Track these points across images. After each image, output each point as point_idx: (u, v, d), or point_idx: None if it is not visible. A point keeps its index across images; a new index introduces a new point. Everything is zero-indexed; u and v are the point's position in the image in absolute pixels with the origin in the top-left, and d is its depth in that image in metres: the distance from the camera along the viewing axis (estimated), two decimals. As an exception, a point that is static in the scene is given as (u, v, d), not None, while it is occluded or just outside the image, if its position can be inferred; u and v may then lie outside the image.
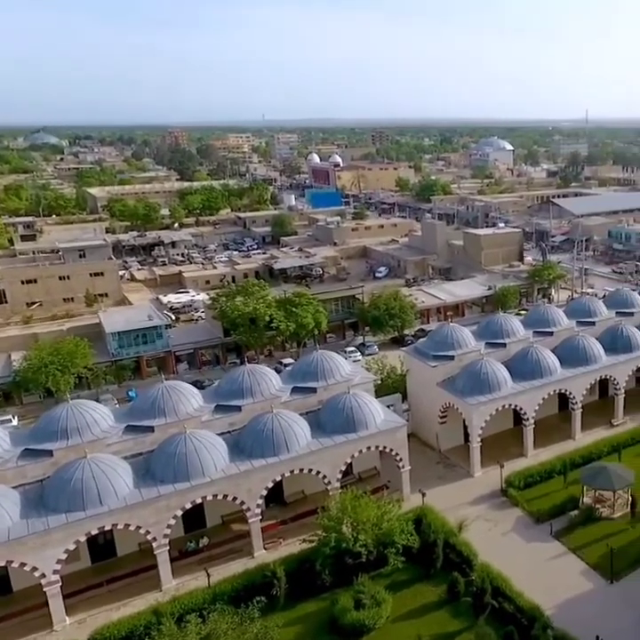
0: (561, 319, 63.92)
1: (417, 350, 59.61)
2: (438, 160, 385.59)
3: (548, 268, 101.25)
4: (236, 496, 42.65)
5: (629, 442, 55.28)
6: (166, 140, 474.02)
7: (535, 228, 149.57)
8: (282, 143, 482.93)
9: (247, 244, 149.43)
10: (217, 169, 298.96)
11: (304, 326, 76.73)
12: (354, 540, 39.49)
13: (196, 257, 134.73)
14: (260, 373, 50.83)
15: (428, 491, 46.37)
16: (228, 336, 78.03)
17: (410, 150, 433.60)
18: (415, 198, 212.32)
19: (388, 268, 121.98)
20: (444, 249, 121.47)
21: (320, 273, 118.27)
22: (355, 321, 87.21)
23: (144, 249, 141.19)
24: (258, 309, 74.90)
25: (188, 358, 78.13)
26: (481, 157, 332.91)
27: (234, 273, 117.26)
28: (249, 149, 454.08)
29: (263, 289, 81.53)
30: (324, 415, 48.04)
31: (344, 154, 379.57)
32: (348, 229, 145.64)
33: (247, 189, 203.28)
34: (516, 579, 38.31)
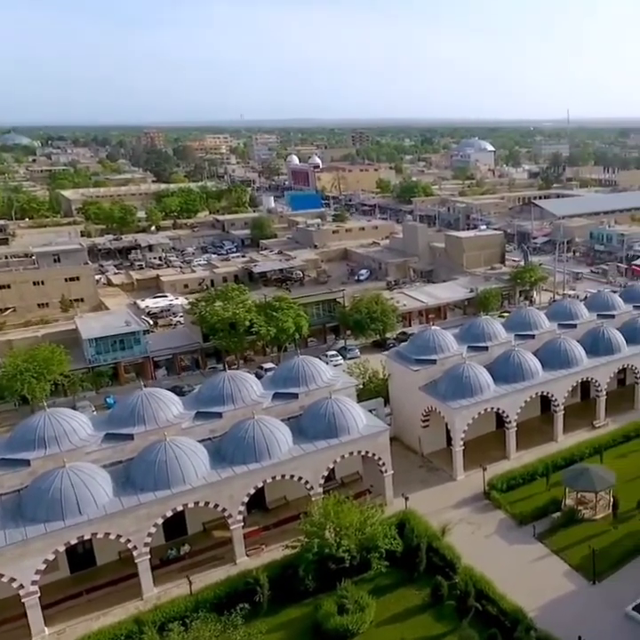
0: (542, 322, 65.10)
1: (399, 354, 60.41)
2: (419, 161, 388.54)
3: (529, 270, 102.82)
4: (217, 503, 42.97)
5: (611, 443, 56.56)
6: (142, 141, 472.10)
7: (517, 229, 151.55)
8: (260, 144, 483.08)
9: (226, 247, 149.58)
10: (194, 170, 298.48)
11: (285, 331, 77.17)
12: (337, 546, 40.03)
13: (174, 260, 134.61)
14: (241, 379, 51.27)
15: (410, 494, 47.11)
16: (208, 341, 78.26)
17: (390, 151, 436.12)
18: (396, 200, 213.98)
19: (369, 270, 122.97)
20: (426, 251, 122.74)
21: (300, 276, 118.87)
22: (336, 325, 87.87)
23: (120, 252, 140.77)
24: (238, 314, 75.23)
25: (167, 364, 78.26)
26: (462, 158, 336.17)
27: (213, 277, 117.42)
28: (227, 150, 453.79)
29: (243, 293, 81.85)
30: (306, 421, 48.57)
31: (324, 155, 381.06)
32: (328, 232, 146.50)
33: (225, 191, 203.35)
34: (499, 581, 39.12)
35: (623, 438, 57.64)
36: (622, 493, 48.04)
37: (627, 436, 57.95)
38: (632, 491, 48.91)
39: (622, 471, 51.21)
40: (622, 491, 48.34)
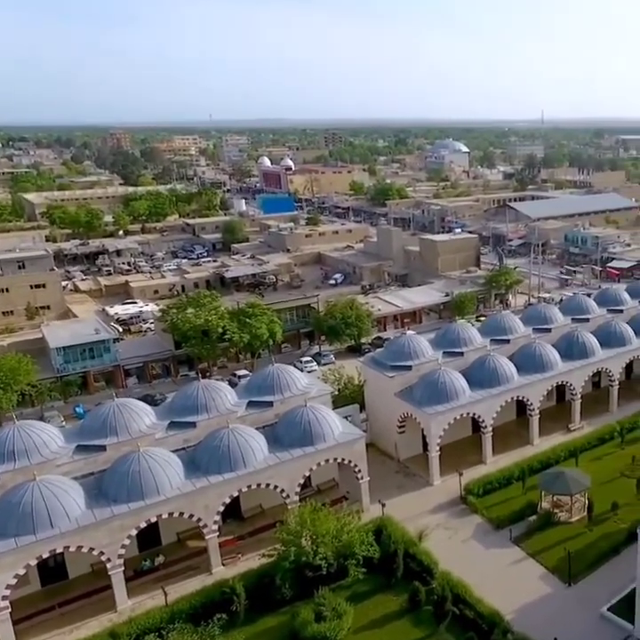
0: (517, 326, 66.77)
1: (374, 361, 61.51)
2: (393, 162, 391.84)
3: (504, 273, 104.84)
4: (192, 513, 43.50)
5: (586, 446, 58.28)
6: (108, 142, 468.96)
7: (492, 232, 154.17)
8: (231, 145, 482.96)
9: (197, 251, 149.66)
10: (163, 173, 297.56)
11: (258, 337, 77.81)
12: (314, 554, 40.80)
13: (144, 266, 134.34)
14: (215, 388, 51.91)
15: (387, 500, 48.17)
16: (180, 348, 78.58)
17: (364, 152, 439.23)
18: (370, 202, 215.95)
19: (343, 274, 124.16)
20: (401, 255, 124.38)
21: (273, 281, 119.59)
22: (310, 330, 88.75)
23: (87, 258, 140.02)
24: (210, 321, 75.71)
25: (138, 372, 78.36)
26: (436, 160, 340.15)
27: (183, 282, 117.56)
28: (196, 152, 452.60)
29: (215, 300, 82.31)
30: (281, 429, 49.37)
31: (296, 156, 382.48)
32: (301, 235, 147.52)
33: (195, 194, 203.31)
34: (476, 585, 40.29)
35: (598, 441, 59.38)
36: (597, 496, 49.63)
37: (601, 438, 59.70)
38: (607, 493, 50.54)
39: (597, 474, 52.97)
40: (597, 493, 49.96)
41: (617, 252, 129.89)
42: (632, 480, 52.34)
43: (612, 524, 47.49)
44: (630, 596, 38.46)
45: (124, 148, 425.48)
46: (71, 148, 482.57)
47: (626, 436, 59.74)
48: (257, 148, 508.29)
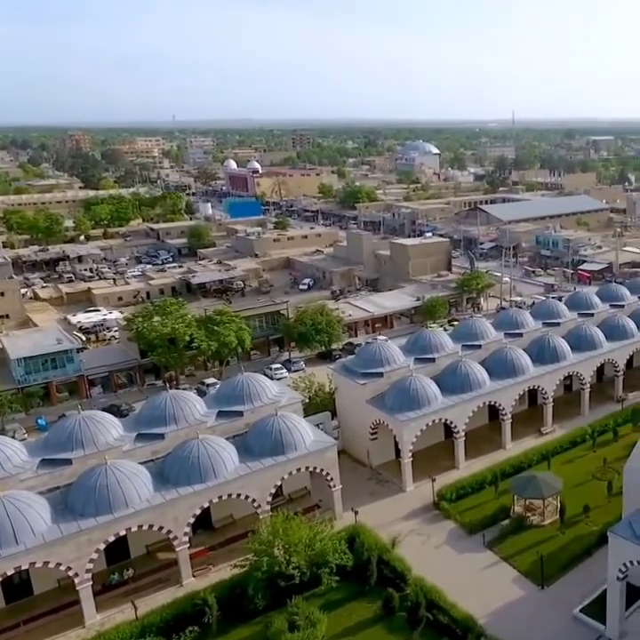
0: (489, 332, 68.41)
1: (345, 368, 62.55)
2: (362, 164, 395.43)
3: (476, 277, 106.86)
4: (162, 525, 43.93)
5: (558, 449, 60.01)
6: (66, 144, 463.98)
7: (463, 235, 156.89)
8: (195, 147, 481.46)
9: (161, 256, 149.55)
10: (125, 175, 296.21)
11: (227, 345, 78.35)
12: (286, 563, 41.50)
13: (106, 272, 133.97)
14: (183, 399, 52.41)
15: (360, 507, 49.18)
16: (146, 357, 78.73)
17: (332, 154, 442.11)
18: (339, 205, 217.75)
19: (312, 279, 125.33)
20: (371, 259, 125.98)
21: (241, 286, 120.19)
22: (280, 337, 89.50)
23: (47, 264, 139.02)
24: (177, 329, 75.99)
25: (103, 381, 78.28)
26: (407, 162, 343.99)
27: (148, 288, 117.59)
28: (159, 154, 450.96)
29: (182, 308, 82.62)
30: (252, 438, 50.08)
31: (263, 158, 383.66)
32: (269, 240, 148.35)
33: (159, 198, 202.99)
34: (449, 590, 41.39)
35: (570, 444, 61.16)
36: (569, 498, 51.23)
37: (573, 441, 61.50)
38: (579, 495, 52.18)
39: (569, 476, 54.74)
40: (569, 496, 51.57)
41: (588, 255, 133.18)
42: (603, 482, 53.99)
43: (584, 527, 49.03)
44: (602, 597, 39.89)
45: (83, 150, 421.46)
46: (28, 149, 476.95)
47: (597, 439, 61.56)
48: (222, 149, 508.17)
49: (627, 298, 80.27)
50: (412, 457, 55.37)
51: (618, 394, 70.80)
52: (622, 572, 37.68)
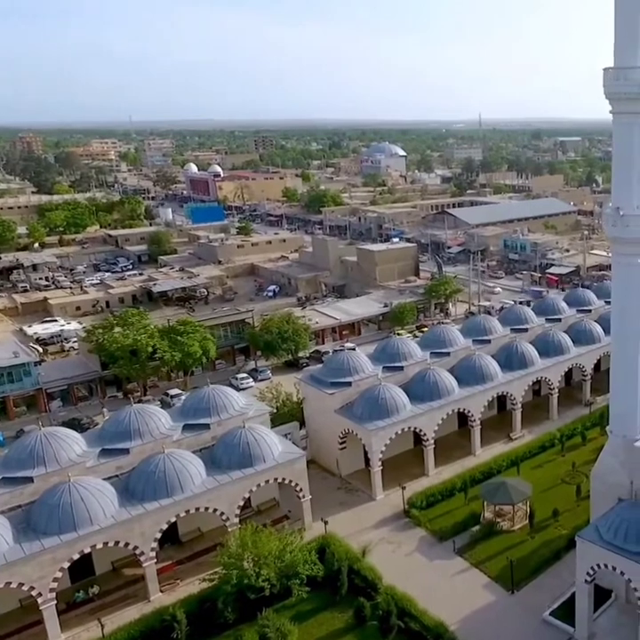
0: (457, 339, 70.25)
1: (313, 378, 63.75)
2: (327, 167, 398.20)
3: (444, 283, 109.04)
4: (128, 542, 44.38)
5: (527, 455, 62.00)
6: (17, 146, 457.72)
7: (430, 239, 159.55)
8: (153, 149, 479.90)
9: (121, 264, 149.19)
10: (80, 180, 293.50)
11: (191, 355, 78.88)
12: (256, 576, 42.34)
13: (63, 281, 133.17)
14: (148, 413, 52.96)
15: (330, 517, 50.37)
16: (107, 369, 78.88)
17: (296, 156, 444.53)
18: (304, 210, 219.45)
19: (278, 286, 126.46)
20: (337, 265, 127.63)
21: (205, 294, 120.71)
22: (245, 346, 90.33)
23: (0, 273, 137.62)
24: (139, 341, 76.30)
25: (62, 394, 78.17)
26: (372, 164, 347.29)
27: (108, 297, 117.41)
28: (116, 156, 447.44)
29: (144, 318, 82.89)
30: (219, 451, 50.90)
31: (224, 161, 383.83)
32: (233, 246, 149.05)
33: (117, 203, 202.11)
34: (421, 598, 42.72)
35: (539, 449, 63.24)
36: (539, 503, 53.15)
37: (542, 446, 63.60)
38: (548, 500, 54.16)
39: (539, 481, 56.75)
40: (539, 500, 53.49)
41: (556, 258, 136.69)
42: (572, 486, 56.06)
43: (554, 531, 50.89)
44: (571, 600, 41.61)
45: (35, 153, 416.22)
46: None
47: (566, 443, 63.78)
48: (182, 151, 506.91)
49: (593, 302, 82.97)
50: (381, 465, 56.70)
51: (586, 398, 73.21)
52: (590, 576, 39.45)
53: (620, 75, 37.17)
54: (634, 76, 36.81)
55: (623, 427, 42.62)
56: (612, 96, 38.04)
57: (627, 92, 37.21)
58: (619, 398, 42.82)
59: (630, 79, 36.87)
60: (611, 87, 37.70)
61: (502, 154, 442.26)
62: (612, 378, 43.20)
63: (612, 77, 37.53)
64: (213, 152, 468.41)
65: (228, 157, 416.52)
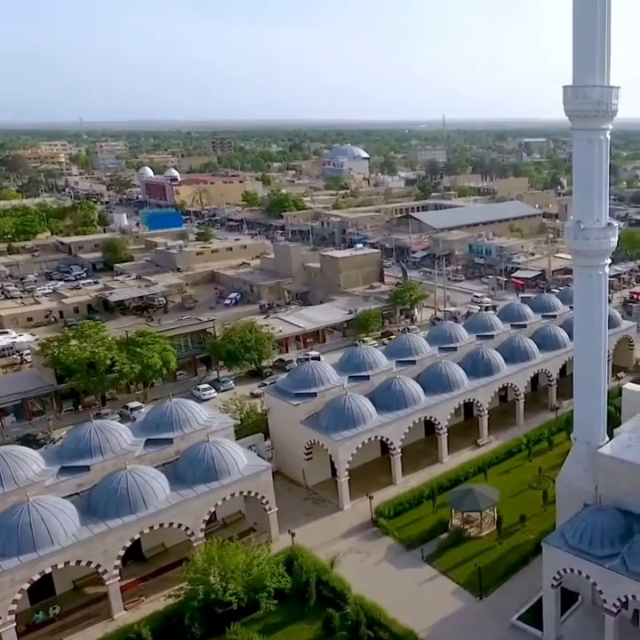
0: (423, 347, 72.06)
1: (277, 389, 64.92)
2: (288, 169, 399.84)
3: (409, 289, 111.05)
4: (90, 560, 44.81)
5: (494, 461, 64.08)
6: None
7: (395, 243, 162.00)
8: (106, 151, 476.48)
9: (74, 272, 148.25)
10: (29, 184, 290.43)
11: (151, 367, 79.26)
12: (223, 590, 43.19)
13: (13, 291, 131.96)
14: (109, 429, 53.42)
15: (297, 528, 51.53)
16: (63, 382, 78.86)
17: (256, 158, 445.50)
18: (265, 214, 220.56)
19: (239, 293, 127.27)
20: (300, 272, 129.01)
21: (163, 303, 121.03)
22: (207, 356, 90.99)
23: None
24: (97, 353, 76.45)
25: (16, 409, 77.81)
26: (335, 167, 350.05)
27: (62, 307, 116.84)
28: (66, 159, 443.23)
29: (102, 330, 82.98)
30: (183, 466, 51.71)
31: (181, 163, 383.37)
32: (192, 254, 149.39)
33: (69, 209, 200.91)
34: (390, 606, 44.10)
35: (506, 455, 65.35)
36: (506, 508, 55.06)
37: (509, 452, 65.72)
38: (515, 505, 56.12)
39: (506, 487, 58.75)
40: (506, 506, 55.40)
41: (521, 262, 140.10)
42: (539, 491, 58.16)
43: (521, 536, 52.80)
44: (538, 603, 43.39)
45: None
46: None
47: (532, 448, 65.99)
48: (136, 154, 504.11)
49: (558, 308, 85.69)
50: (348, 475, 58.02)
51: (552, 402, 75.67)
52: (556, 580, 41.29)
53: (580, 93, 39.44)
54: (592, 94, 39.14)
55: (587, 434, 44.88)
56: (571, 113, 40.33)
57: (585, 109, 39.53)
58: (582, 406, 45.02)
59: (589, 97, 39.19)
60: (570, 105, 39.99)
61: (467, 155, 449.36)
62: (576, 386, 45.32)
63: (572, 95, 39.81)
64: (169, 154, 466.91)
65: (185, 160, 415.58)
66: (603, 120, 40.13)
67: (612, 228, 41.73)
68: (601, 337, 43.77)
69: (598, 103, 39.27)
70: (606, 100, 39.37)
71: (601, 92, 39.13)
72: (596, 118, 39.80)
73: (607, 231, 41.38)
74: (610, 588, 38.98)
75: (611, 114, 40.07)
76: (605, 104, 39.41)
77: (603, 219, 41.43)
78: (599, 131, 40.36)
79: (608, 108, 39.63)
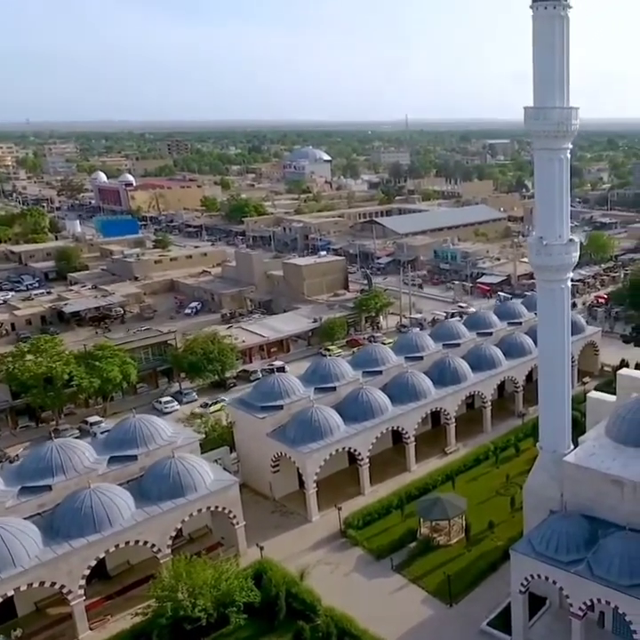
0: (389, 356, 73.97)
1: (242, 402, 66.16)
2: (248, 172, 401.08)
3: (374, 296, 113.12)
4: (54, 581, 45.41)
5: (462, 468, 66.19)
6: None
7: (359, 249, 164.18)
8: (55, 154, 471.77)
9: (26, 282, 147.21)
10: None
11: (110, 381, 79.75)
12: (192, 606, 44.14)
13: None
14: (71, 447, 54.04)
15: (266, 541, 52.89)
16: (18, 398, 78.97)
17: (214, 161, 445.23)
18: (225, 219, 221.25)
19: (200, 302, 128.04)
20: (263, 280, 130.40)
21: (121, 313, 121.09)
22: (168, 367, 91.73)
23: None
24: (54, 368, 76.73)
25: (-32, 427, 77.72)
26: (296, 170, 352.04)
27: (13, 319, 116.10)
28: (13, 162, 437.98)
29: (59, 344, 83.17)
30: (148, 482, 52.66)
31: (135, 167, 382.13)
32: (150, 262, 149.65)
33: (18, 216, 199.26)
34: (360, 617, 45.64)
35: (474, 462, 67.53)
36: (474, 516, 57.14)
37: (477, 459, 67.93)
38: (483, 512, 58.26)
39: (474, 494, 60.89)
40: (474, 513, 57.48)
41: (487, 267, 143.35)
42: (507, 498, 60.36)
43: (490, 543, 54.92)
44: (507, 609, 45.33)
45: None
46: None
47: (500, 455, 68.34)
48: (88, 156, 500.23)
49: (524, 315, 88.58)
50: (316, 487, 59.52)
51: (518, 409, 78.14)
52: (524, 586, 43.38)
53: (540, 114, 41.96)
54: (552, 116, 41.68)
55: (553, 443, 47.39)
56: (532, 133, 42.89)
57: (546, 130, 42.05)
58: (547, 417, 47.52)
59: (549, 118, 41.73)
60: (531, 125, 42.50)
61: (430, 157, 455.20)
62: (541, 397, 47.76)
63: (532, 116, 42.30)
64: (123, 157, 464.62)
65: (140, 163, 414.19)
66: (563, 140, 42.69)
67: (573, 243, 44.23)
68: (564, 350, 46.29)
69: (558, 124, 41.80)
70: (566, 120, 41.91)
71: (561, 114, 41.71)
72: (556, 138, 42.35)
73: (569, 247, 43.87)
74: (576, 592, 41.06)
75: (570, 134, 42.67)
76: (565, 125, 41.95)
77: (564, 235, 43.91)
78: (559, 150, 42.85)
79: (568, 129, 42.17)
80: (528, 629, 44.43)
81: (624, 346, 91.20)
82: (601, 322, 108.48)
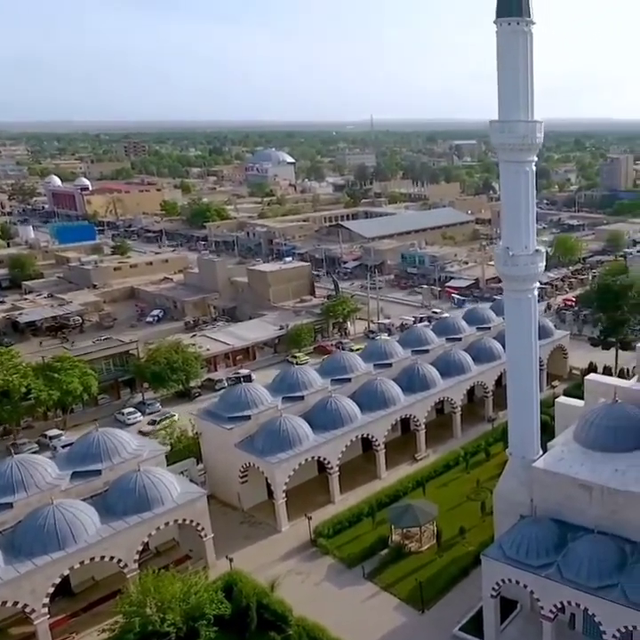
0: (358, 364, 75.34)
1: (209, 413, 66.89)
2: (209, 175, 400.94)
3: (341, 302, 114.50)
4: (17, 600, 45.55)
5: (432, 474, 67.80)
6: None
7: (325, 254, 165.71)
8: (5, 157, 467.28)
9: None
10: None
11: (70, 393, 79.72)
12: (161, 621, 44.61)
13: None
14: (32, 463, 54.20)
15: (235, 553, 53.82)
16: (-28, 411, 78.56)
17: (173, 163, 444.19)
18: (186, 224, 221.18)
19: (162, 310, 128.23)
20: (227, 287, 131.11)
21: (79, 322, 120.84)
22: (131, 378, 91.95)
23: None
24: (10, 381, 76.57)
25: None
26: (259, 173, 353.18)
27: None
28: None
29: (15, 357, 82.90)
30: (113, 497, 53.09)
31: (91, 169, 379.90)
32: (109, 269, 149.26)
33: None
34: (333, 626, 46.76)
35: (444, 468, 69.17)
36: (445, 522, 58.64)
37: (447, 465, 69.57)
38: (454, 518, 59.81)
39: (445, 500, 62.42)
40: (445, 519, 58.99)
41: (455, 271, 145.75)
42: (477, 503, 62.09)
43: (461, 548, 56.45)
44: (479, 613, 46.82)
45: None
46: None
47: (470, 460, 70.07)
48: (40, 159, 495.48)
49: (492, 320, 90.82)
50: (285, 496, 60.56)
51: (488, 414, 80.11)
52: (495, 590, 44.95)
53: (505, 127, 43.73)
54: (517, 129, 43.45)
55: (522, 449, 49.13)
56: (498, 146, 44.76)
57: (511, 142, 43.87)
58: (516, 423, 49.25)
59: (514, 131, 43.50)
60: (496, 138, 44.38)
61: (397, 159, 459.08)
62: (510, 403, 49.47)
63: (498, 130, 44.10)
64: (77, 160, 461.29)
65: (95, 166, 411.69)
66: (528, 153, 44.57)
67: (539, 254, 46.01)
68: (532, 358, 47.94)
69: (523, 137, 43.61)
70: (531, 134, 43.70)
71: (525, 127, 43.52)
72: (521, 151, 44.21)
73: (535, 257, 45.64)
74: (546, 595, 42.69)
75: (535, 147, 44.58)
76: (530, 138, 43.75)
77: (531, 245, 45.72)
78: (525, 163, 44.71)
79: (533, 142, 44.01)
80: (500, 633, 45.98)
81: (592, 349, 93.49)
82: (569, 325, 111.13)
